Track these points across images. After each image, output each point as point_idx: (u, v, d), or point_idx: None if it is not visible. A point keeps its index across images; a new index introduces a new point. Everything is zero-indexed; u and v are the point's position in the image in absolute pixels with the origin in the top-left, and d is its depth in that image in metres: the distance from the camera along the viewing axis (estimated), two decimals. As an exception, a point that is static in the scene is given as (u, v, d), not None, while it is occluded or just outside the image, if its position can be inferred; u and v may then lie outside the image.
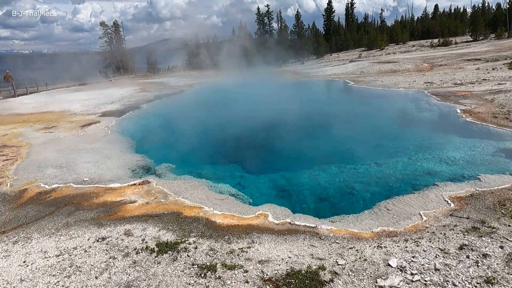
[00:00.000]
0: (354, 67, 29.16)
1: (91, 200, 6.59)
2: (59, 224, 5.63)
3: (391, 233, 4.95)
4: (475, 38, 44.61)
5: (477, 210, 5.35)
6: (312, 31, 52.13)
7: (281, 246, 4.71)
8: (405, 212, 5.58)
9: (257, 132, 13.39)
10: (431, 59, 28.25)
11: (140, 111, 16.82)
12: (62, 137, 11.56)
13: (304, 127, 13.87)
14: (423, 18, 63.25)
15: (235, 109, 18.26)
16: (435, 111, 13.30)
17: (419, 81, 19.45)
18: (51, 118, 15.09)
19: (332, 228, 5.19)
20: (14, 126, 13.44)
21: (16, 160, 9.20)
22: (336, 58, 44.92)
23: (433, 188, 6.40)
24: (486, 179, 6.53)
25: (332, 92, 23.05)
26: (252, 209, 6.09)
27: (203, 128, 14.33)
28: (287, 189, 7.90)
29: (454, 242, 4.46)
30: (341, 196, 7.44)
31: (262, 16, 51.21)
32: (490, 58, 24.31)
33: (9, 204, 6.61)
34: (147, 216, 5.80)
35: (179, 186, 7.11)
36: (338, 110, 17.14)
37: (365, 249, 4.49)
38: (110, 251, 4.67)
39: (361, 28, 58.80)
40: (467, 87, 15.95)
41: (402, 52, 40.40)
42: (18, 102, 20.95)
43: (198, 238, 4.95)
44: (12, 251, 4.83)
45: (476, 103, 12.91)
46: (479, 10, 56.22)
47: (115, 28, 45.77)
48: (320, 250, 4.56)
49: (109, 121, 14.09)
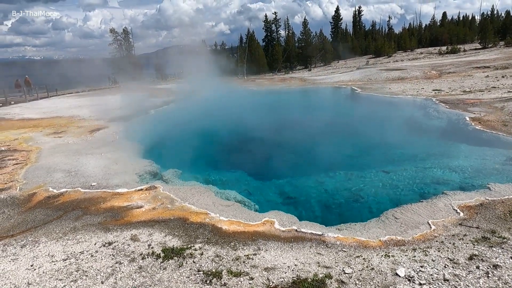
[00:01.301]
0: (362, 74, 29.10)
1: (99, 204, 6.64)
2: (66, 228, 5.67)
3: (399, 242, 4.89)
4: (484, 45, 44.31)
5: (487, 219, 5.26)
6: (319, 38, 52.35)
7: (287, 253, 4.68)
8: (413, 221, 5.51)
9: (264, 138, 13.40)
10: (439, 67, 28.09)
11: (148, 117, 16.97)
12: (71, 142, 11.69)
13: (312, 134, 13.84)
14: (431, 26, 63.15)
15: (242, 115, 18.32)
16: (443, 119, 13.18)
17: (427, 88, 19.33)
18: (60, 123, 15.30)
19: (339, 236, 5.14)
20: (25, 131, 13.64)
21: (25, 164, 9.32)
22: (344, 65, 44.94)
23: (442, 197, 6.31)
24: (496, 188, 6.42)
25: (340, 99, 23.01)
26: (258, 215, 6.07)
27: (210, 134, 14.39)
28: (294, 196, 7.87)
29: (464, 252, 4.38)
30: (348, 203, 7.38)
31: (269, 23, 51.67)
32: (500, 66, 24.08)
33: (18, 208, 6.68)
34: (154, 221, 5.81)
35: (185, 192, 7.13)
36: (345, 117, 17.10)
37: (373, 258, 4.44)
38: (116, 256, 4.68)
39: (368, 35, 59.01)
40: (476, 95, 15.80)
41: (410, 60, 40.27)
42: (29, 107, 21.30)
43: (204, 244, 4.95)
44: (20, 255, 4.88)
45: (486, 111, 12.76)
46: (488, 17, 55.97)
47: (124, 35, 46.52)
48: (326, 258, 4.51)
49: (117, 126, 14.23)
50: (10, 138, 12.50)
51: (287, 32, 54.58)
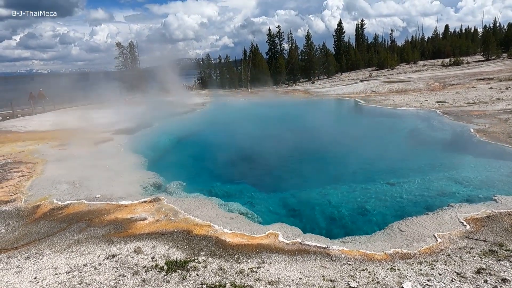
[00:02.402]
0: (365, 87, 29.21)
1: (103, 217, 6.64)
2: (70, 241, 5.67)
3: (405, 255, 4.82)
4: (487, 57, 44.39)
5: (494, 232, 5.19)
6: (322, 51, 52.83)
7: (292, 266, 4.63)
8: (419, 234, 5.44)
9: (268, 150, 13.40)
10: (442, 79, 28.14)
11: (152, 129, 17.07)
12: (76, 154, 11.77)
13: (316, 146, 13.83)
14: (434, 38, 63.51)
15: (246, 128, 18.39)
16: (448, 131, 13.13)
17: (431, 100, 19.34)
18: (66, 135, 15.43)
19: (344, 249, 5.09)
20: (31, 143, 13.77)
21: (31, 176, 9.39)
22: (347, 77, 45.17)
23: (448, 209, 6.24)
24: (502, 200, 6.35)
25: (343, 111, 23.07)
26: (262, 228, 6.03)
27: (214, 146, 14.43)
28: (298, 208, 7.82)
29: (471, 265, 4.31)
30: (352, 216, 7.32)
31: (273, 37, 52.34)
32: (503, 78, 24.07)
33: (22, 220, 6.70)
34: (157, 233, 5.80)
35: (189, 204, 7.12)
36: (349, 129, 17.09)
37: (378, 271, 4.38)
38: (119, 269, 4.66)
39: (371, 48, 59.37)
40: (480, 107, 15.77)
41: (413, 72, 40.40)
42: (36, 120, 21.55)
43: (207, 257, 4.91)
44: (24, 267, 4.87)
45: (490, 122, 12.72)
46: (491, 30, 56.23)
47: (130, 48, 47.24)
48: (331, 272, 4.46)
49: (122, 138, 14.33)
50: (16, 150, 12.62)
51: (290, 45, 55.21)
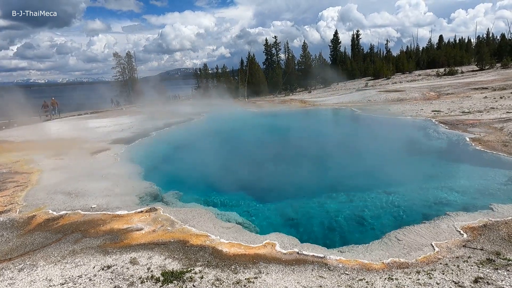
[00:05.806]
0: (361, 96, 29.44)
1: (98, 227, 6.58)
2: (65, 252, 5.60)
3: (402, 264, 4.80)
4: (481, 67, 44.94)
5: (491, 241, 5.19)
6: (319, 61, 53.34)
7: (289, 276, 4.60)
8: (416, 243, 5.43)
9: (265, 160, 13.41)
10: (437, 88, 28.43)
11: (149, 139, 17.05)
12: (72, 164, 11.72)
13: (312, 156, 13.85)
14: (428, 48, 64.26)
15: (243, 137, 18.42)
16: (443, 139, 13.22)
17: (427, 109, 19.50)
18: (62, 145, 15.36)
19: (341, 259, 5.06)
20: (27, 153, 13.69)
21: (26, 186, 9.32)
22: (343, 87, 45.52)
23: (445, 218, 6.24)
24: (499, 209, 6.37)
25: (340, 121, 23.18)
26: (259, 238, 5.99)
27: (211, 156, 14.41)
28: (295, 218, 7.78)
29: (469, 274, 4.30)
30: (350, 225, 7.29)
31: (270, 47, 52.83)
32: (498, 87, 24.36)
33: (17, 231, 6.62)
34: (153, 244, 5.75)
35: (186, 214, 7.07)
36: (345, 138, 17.15)
37: (376, 281, 4.35)
38: (115, 280, 4.60)
39: (367, 58, 59.99)
40: (475, 116, 15.91)
41: (408, 81, 40.79)
42: (32, 129, 21.47)
43: (204, 268, 4.87)
44: (17, 279, 4.80)
45: (485, 131, 12.82)
46: (484, 40, 57.12)
47: (128, 58, 47.50)
48: (329, 282, 4.42)
49: (119, 148, 14.29)
50: (12, 160, 12.54)
51: (287, 55, 55.71)
